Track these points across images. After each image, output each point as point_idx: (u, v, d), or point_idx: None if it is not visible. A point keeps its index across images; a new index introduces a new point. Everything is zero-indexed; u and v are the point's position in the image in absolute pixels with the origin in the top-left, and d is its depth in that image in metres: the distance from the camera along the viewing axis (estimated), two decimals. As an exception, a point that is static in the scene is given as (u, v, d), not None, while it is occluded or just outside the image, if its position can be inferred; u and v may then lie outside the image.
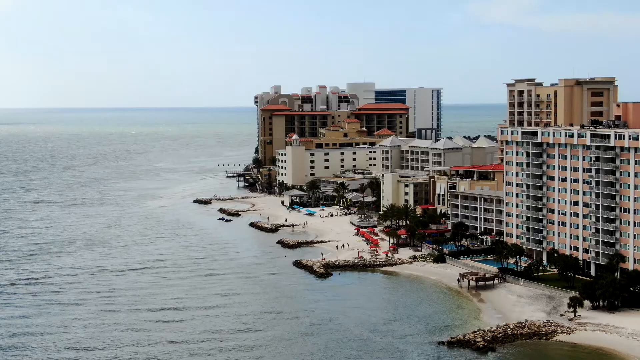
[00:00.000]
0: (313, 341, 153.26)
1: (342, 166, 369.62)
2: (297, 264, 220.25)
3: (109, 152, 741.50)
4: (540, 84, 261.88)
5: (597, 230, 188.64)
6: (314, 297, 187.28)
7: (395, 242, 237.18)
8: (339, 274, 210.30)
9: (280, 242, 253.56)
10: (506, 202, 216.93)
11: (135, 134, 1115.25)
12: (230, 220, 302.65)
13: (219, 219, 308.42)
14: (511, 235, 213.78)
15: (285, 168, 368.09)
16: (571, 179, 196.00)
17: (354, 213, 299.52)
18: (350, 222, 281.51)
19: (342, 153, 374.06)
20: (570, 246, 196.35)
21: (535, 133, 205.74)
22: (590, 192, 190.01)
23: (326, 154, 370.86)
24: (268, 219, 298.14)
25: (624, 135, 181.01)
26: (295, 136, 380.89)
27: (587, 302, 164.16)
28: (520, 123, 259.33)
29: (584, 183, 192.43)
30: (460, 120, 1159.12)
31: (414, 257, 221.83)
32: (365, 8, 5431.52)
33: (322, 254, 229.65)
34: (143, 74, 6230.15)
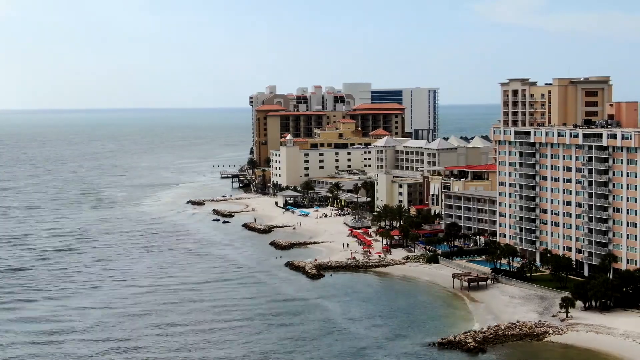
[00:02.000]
0: (302, 342, 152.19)
1: (336, 167, 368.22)
2: (289, 265, 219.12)
3: (101, 152, 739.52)
4: (534, 84, 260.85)
5: (589, 230, 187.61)
6: (305, 298, 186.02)
7: (388, 242, 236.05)
8: (331, 275, 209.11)
9: (273, 243, 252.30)
10: (499, 202, 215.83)
11: (128, 134, 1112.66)
12: (228, 222, 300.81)
13: (214, 220, 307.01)
14: (504, 236, 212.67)
15: (279, 169, 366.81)
16: (564, 178, 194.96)
17: (348, 214, 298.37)
18: (344, 223, 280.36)
19: (336, 153, 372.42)
20: (563, 246, 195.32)
21: (528, 133, 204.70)
22: (583, 192, 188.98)
23: (321, 154, 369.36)
24: (255, 219, 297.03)
25: (616, 135, 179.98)
26: (289, 136, 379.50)
27: (579, 303, 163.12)
28: (515, 123, 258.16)
29: (576, 183, 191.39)
30: (462, 120, 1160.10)
31: (407, 258, 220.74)
32: (369, 9, 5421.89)
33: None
34: (139, 75, 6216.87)
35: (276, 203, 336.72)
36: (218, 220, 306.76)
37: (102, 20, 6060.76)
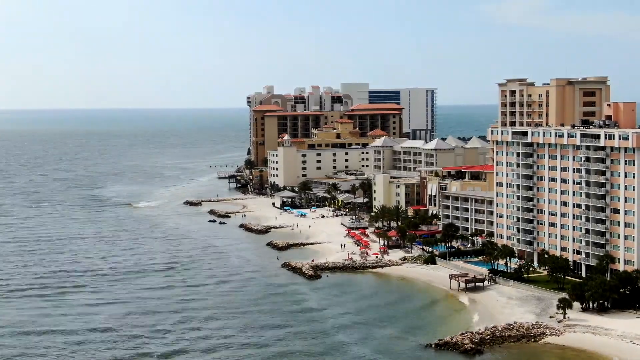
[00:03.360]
0: (298, 343, 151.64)
1: (334, 167, 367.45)
2: (286, 265, 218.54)
3: (96, 152, 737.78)
4: (532, 84, 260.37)
5: (587, 231, 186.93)
6: (302, 299, 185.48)
7: (385, 243, 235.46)
8: (328, 275, 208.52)
9: (270, 244, 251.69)
10: (497, 203, 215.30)
11: (123, 134, 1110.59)
12: (224, 223, 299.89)
13: (210, 220, 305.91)
14: (502, 236, 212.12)
15: (277, 169, 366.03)
16: (561, 179, 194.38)
17: (346, 214, 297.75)
18: (342, 224, 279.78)
19: (334, 154, 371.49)
20: (561, 247, 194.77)
21: (526, 133, 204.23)
22: (581, 193, 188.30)
23: (318, 154, 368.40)
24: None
25: (614, 135, 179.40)
26: (286, 137, 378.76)
27: (576, 304, 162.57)
28: (513, 123, 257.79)
29: (574, 183, 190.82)
30: (461, 120, 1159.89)
31: (405, 259, 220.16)
32: (369, 8, 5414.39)
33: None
34: (133, 74, 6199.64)
35: (273, 204, 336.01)
36: (214, 221, 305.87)
37: (95, 21, 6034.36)
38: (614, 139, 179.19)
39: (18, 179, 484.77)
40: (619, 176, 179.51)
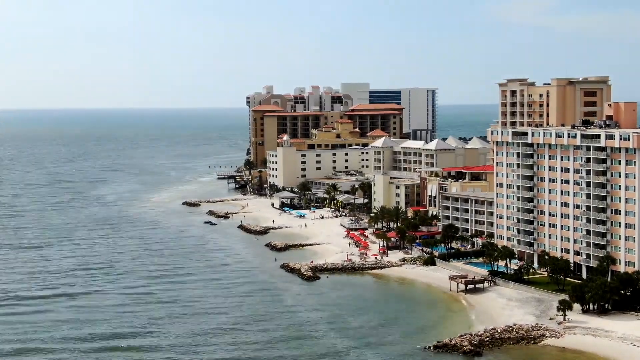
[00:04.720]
0: (294, 345, 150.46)
1: (334, 167, 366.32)
2: (285, 266, 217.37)
3: (93, 152, 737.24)
4: (532, 84, 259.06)
5: (587, 232, 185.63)
6: (300, 300, 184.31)
7: (385, 244, 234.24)
8: (327, 277, 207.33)
9: (268, 245, 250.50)
10: (497, 204, 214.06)
11: (123, 134, 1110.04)
12: (214, 224, 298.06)
13: (205, 222, 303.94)
14: (502, 237, 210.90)
15: (276, 169, 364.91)
16: (562, 180, 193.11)
17: (345, 215, 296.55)
18: (341, 225, 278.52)
19: (334, 154, 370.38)
20: (561, 248, 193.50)
21: (526, 134, 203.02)
22: (581, 194, 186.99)
23: (318, 155, 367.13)
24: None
25: (614, 136, 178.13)
26: (286, 137, 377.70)
27: (577, 306, 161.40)
28: (513, 123, 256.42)
29: (574, 184, 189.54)
30: (464, 120, 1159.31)
31: (404, 260, 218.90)
32: (372, 8, 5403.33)
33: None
34: (132, 74, 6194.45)
35: (273, 204, 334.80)
36: (210, 222, 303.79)
37: (95, 21, 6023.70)
38: (614, 139, 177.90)
39: (12, 179, 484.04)
40: (620, 177, 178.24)
